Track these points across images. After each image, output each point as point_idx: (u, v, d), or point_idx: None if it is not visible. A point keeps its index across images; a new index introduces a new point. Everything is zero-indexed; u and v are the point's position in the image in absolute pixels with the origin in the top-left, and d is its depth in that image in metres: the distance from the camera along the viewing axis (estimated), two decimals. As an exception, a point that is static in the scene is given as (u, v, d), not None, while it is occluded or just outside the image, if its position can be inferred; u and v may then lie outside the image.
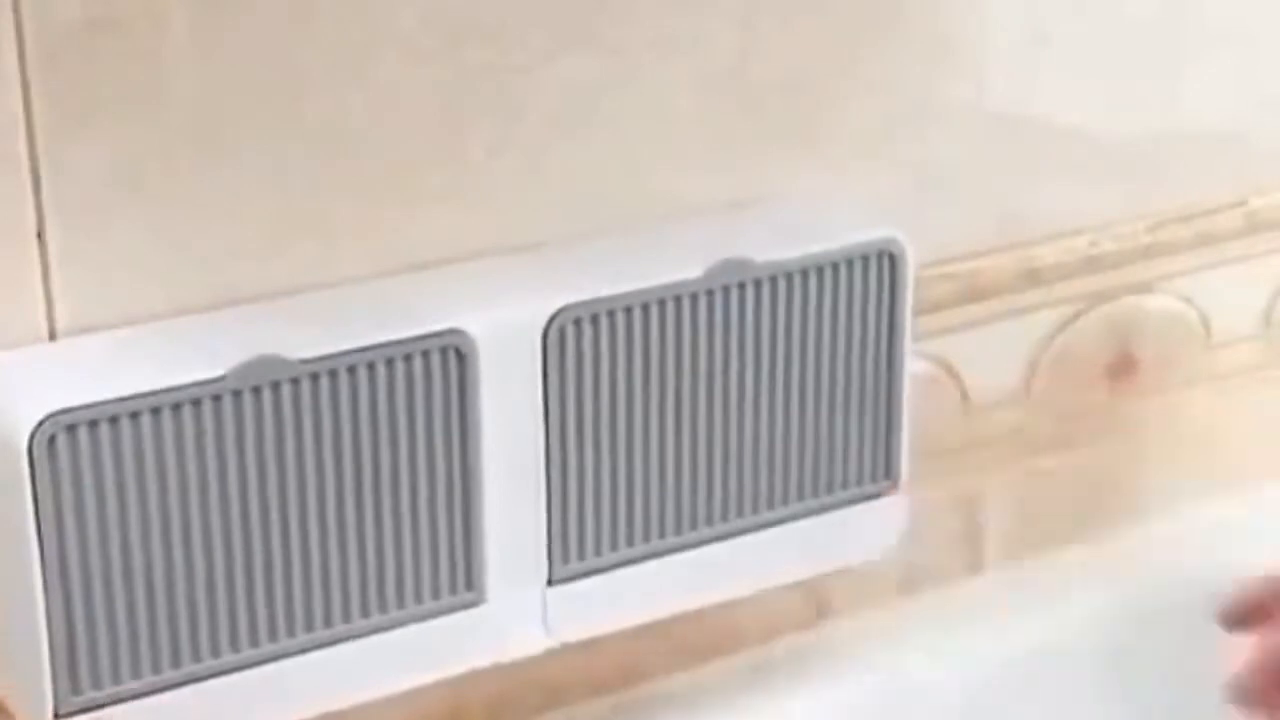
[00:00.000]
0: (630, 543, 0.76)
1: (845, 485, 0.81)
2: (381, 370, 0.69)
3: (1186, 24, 0.94)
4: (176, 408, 0.66)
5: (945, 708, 0.91)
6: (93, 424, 0.64)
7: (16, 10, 0.65)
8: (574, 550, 0.75)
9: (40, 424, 0.63)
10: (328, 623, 0.70)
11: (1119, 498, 1.00)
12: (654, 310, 0.74)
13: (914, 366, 0.82)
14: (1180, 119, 0.95)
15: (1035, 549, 0.98)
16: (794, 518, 0.80)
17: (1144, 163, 0.95)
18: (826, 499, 0.80)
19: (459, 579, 0.73)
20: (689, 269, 0.75)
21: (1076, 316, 0.95)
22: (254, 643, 0.69)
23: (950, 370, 0.91)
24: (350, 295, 0.73)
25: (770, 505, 0.79)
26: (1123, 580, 0.99)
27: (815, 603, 0.91)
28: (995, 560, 0.97)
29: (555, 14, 0.76)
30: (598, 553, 0.76)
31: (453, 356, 0.69)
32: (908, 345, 0.81)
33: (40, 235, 0.68)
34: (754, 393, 0.78)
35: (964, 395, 0.93)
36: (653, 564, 0.77)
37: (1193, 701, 1.00)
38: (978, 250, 0.90)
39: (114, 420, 0.65)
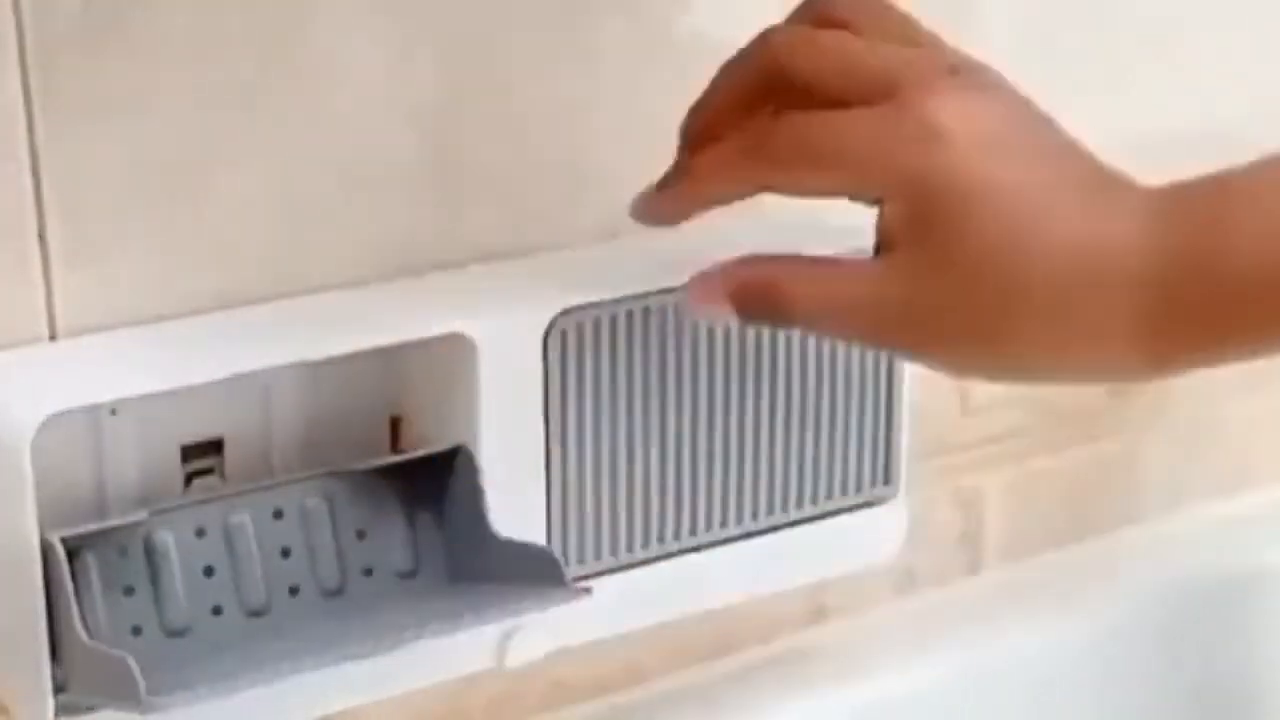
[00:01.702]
0: (630, 548, 0.76)
1: (845, 492, 0.80)
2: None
3: (1185, 24, 0.94)
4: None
5: (945, 708, 0.91)
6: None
7: (17, 10, 0.65)
8: (573, 555, 0.75)
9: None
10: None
11: (1119, 498, 1.00)
12: (654, 314, 0.75)
13: (914, 366, 0.82)
14: (1179, 119, 0.95)
15: (1035, 549, 0.98)
16: (794, 524, 0.80)
17: (1143, 163, 0.95)
18: (827, 505, 0.80)
19: None
20: (689, 273, 0.75)
21: (1077, 316, 0.95)
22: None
23: (951, 370, 0.91)
24: (352, 297, 0.73)
25: (770, 511, 0.79)
26: (1123, 580, 0.99)
27: (814, 603, 0.91)
28: (995, 560, 0.97)
29: (560, 16, 0.76)
30: (598, 557, 0.76)
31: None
32: (909, 354, 0.81)
33: (41, 235, 0.68)
34: (754, 398, 0.78)
35: (964, 395, 0.93)
36: (653, 569, 0.77)
37: (1194, 702, 1.00)
38: (978, 250, 0.90)
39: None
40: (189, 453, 0.71)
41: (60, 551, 0.64)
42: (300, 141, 0.72)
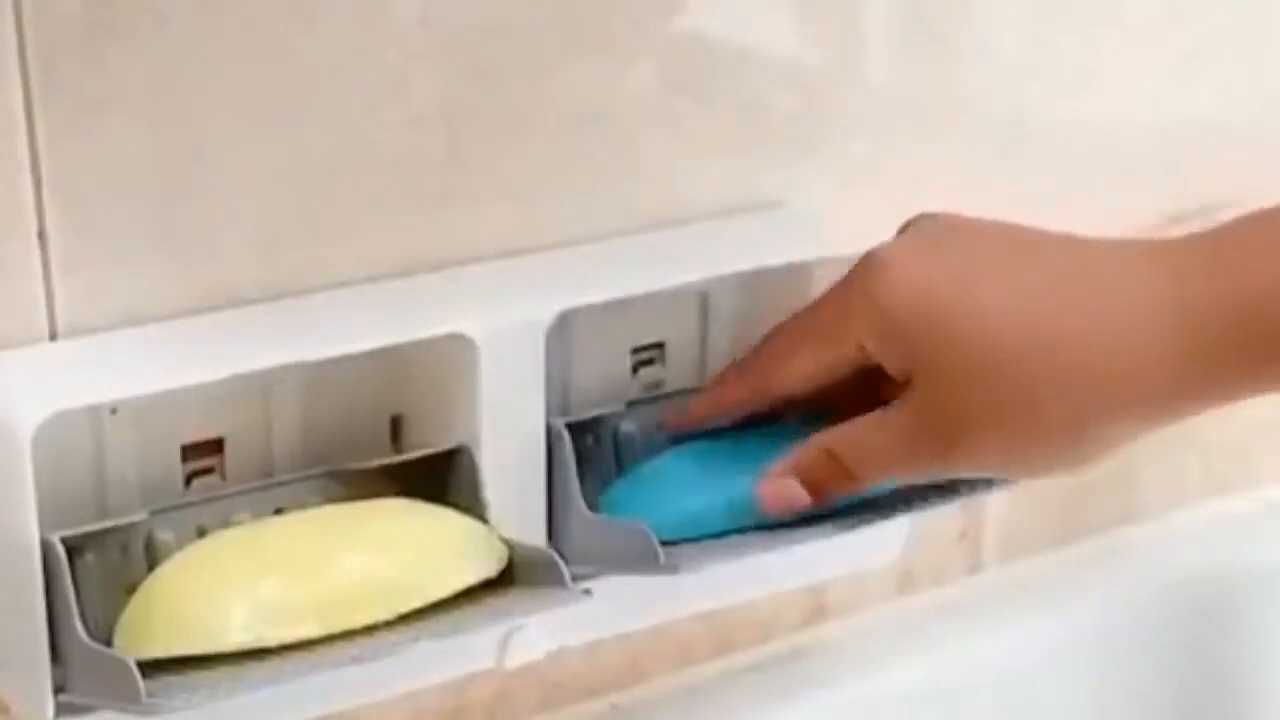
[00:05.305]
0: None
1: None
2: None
3: (1187, 23, 0.94)
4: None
5: (945, 708, 0.91)
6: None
7: (17, 10, 0.65)
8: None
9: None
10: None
11: (1118, 497, 1.00)
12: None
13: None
14: (1180, 118, 0.95)
15: (1035, 549, 0.98)
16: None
17: (1145, 162, 0.95)
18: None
19: None
20: (690, 273, 0.75)
21: (1077, 316, 0.95)
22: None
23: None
24: (352, 297, 0.73)
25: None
26: (1123, 580, 0.99)
27: (815, 602, 0.91)
28: (995, 560, 0.97)
29: (561, 16, 0.76)
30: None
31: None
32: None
33: (41, 235, 0.68)
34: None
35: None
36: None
37: (1192, 701, 1.00)
38: (978, 250, 0.90)
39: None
40: (189, 453, 0.71)
41: (60, 551, 0.64)
42: (301, 141, 0.72)
